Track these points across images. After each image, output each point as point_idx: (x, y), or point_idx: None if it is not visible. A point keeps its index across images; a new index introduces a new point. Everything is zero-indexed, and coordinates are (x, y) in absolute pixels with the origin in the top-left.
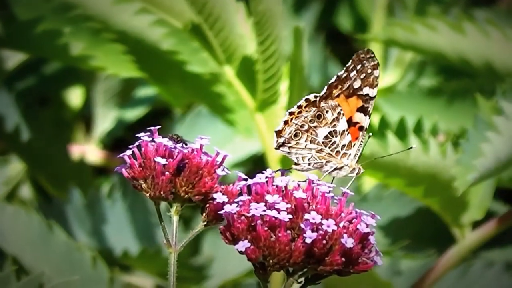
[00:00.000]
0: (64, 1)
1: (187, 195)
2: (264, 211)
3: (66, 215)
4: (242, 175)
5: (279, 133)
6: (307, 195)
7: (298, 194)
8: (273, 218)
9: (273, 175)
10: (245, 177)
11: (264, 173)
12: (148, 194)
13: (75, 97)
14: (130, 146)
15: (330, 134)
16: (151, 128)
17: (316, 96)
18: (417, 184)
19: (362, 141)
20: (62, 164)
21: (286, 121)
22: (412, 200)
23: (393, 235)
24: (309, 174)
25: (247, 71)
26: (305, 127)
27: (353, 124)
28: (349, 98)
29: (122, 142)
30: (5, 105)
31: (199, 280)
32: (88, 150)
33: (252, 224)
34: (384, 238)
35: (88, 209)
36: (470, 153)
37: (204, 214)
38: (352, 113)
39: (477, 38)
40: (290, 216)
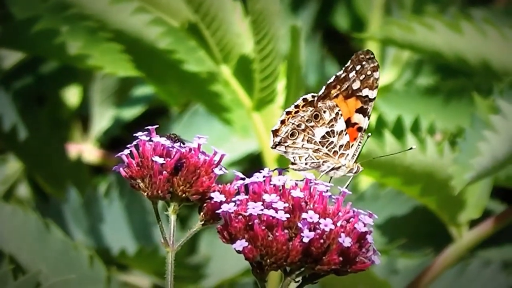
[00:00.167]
0: (61, 1)
1: (185, 194)
2: (262, 210)
3: (63, 214)
4: (240, 175)
5: (276, 132)
6: (305, 194)
7: (296, 193)
8: (271, 217)
9: (271, 174)
10: (243, 177)
11: (262, 172)
12: (146, 193)
13: (72, 96)
14: (128, 146)
15: (328, 134)
16: (149, 128)
17: (314, 96)
18: (414, 183)
19: (361, 142)
20: (59, 163)
21: (283, 121)
22: (409, 199)
23: (390, 234)
24: (307, 174)
25: (244, 70)
26: (302, 127)
27: (352, 125)
28: (348, 99)
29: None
30: (2, 104)
31: (196, 279)
32: (85, 149)
33: (250, 223)
34: (381, 237)
35: (85, 208)
36: (467, 152)
37: (202, 214)
38: (351, 114)
39: (474, 37)
40: (288, 215)
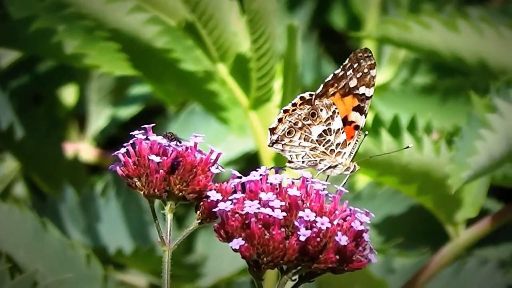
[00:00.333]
0: (58, 0)
1: (181, 193)
2: (258, 209)
3: (60, 213)
4: (236, 173)
5: (273, 131)
6: (301, 193)
7: (292, 192)
8: (267, 216)
9: (267, 173)
10: (239, 175)
11: (258, 171)
12: (142, 192)
13: (69, 95)
14: (124, 144)
15: (325, 133)
16: (145, 126)
17: (311, 94)
18: (411, 182)
19: (358, 140)
20: (56, 162)
21: (280, 119)
22: (406, 198)
23: (387, 233)
24: (303, 172)
25: (241, 69)
26: (299, 125)
27: (349, 123)
28: (345, 97)
29: (116, 140)
30: None
31: (193, 278)
32: (82, 148)
33: (246, 222)
34: (378, 236)
35: (82, 207)
36: (464, 151)
37: (198, 212)
38: (348, 112)
39: (471, 36)
40: (284, 214)
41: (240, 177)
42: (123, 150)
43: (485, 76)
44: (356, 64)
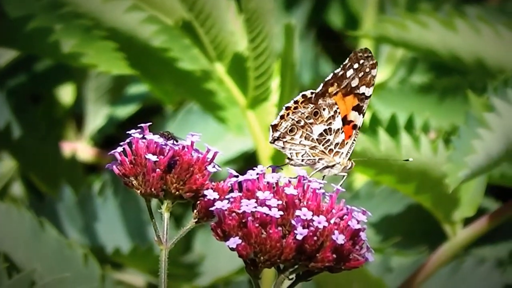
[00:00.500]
0: None
1: (178, 192)
2: (255, 208)
3: (58, 213)
4: (233, 172)
5: (275, 127)
6: (298, 192)
7: (289, 191)
8: (264, 215)
9: (264, 172)
10: (236, 174)
11: (255, 170)
12: (139, 191)
13: (66, 95)
14: (121, 143)
15: (325, 132)
16: (142, 125)
17: (313, 93)
18: (409, 181)
19: (355, 140)
20: (54, 162)
21: (283, 116)
22: (404, 197)
23: (385, 232)
24: (300, 170)
25: (238, 68)
26: (301, 123)
27: (347, 123)
28: (346, 97)
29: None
30: None
31: (191, 278)
32: (79, 148)
33: (243, 221)
34: (376, 235)
35: (80, 207)
36: (462, 150)
37: (195, 211)
38: (348, 112)
39: (468, 35)
40: (281, 213)
41: (237, 176)
42: (120, 149)
43: (483, 75)
44: (357, 64)
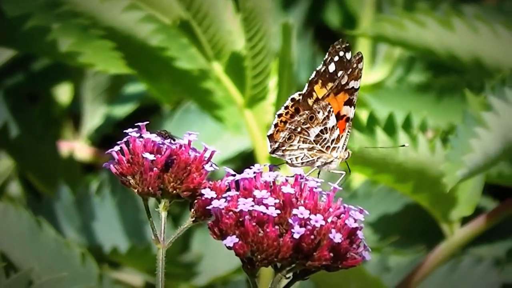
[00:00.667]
0: None
1: (176, 191)
2: (252, 207)
3: (55, 212)
4: (230, 171)
5: (272, 137)
6: (295, 190)
7: (286, 189)
8: (261, 214)
9: (261, 171)
10: (233, 173)
11: (252, 168)
12: (136, 190)
13: (64, 94)
14: (118, 142)
15: (321, 132)
16: (139, 124)
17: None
18: (406, 180)
19: (349, 132)
20: (51, 161)
21: (276, 124)
22: (401, 196)
23: (382, 231)
24: (296, 169)
25: (236, 67)
26: (298, 130)
27: (341, 118)
28: (338, 95)
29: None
30: None
31: (189, 277)
32: (77, 147)
33: (240, 220)
34: (373, 234)
35: (77, 206)
36: (459, 149)
37: (193, 210)
38: (340, 108)
39: (466, 34)
40: (278, 212)
41: (234, 175)
42: (117, 148)
43: (480, 74)
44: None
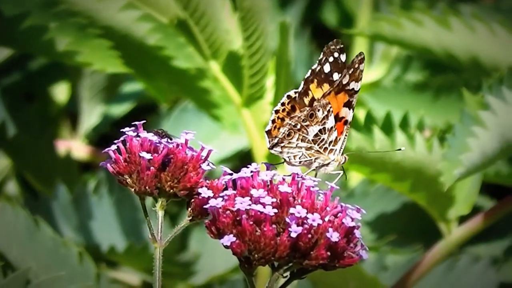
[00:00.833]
0: None
1: (173, 190)
2: (249, 206)
3: (53, 211)
4: (228, 170)
5: (270, 133)
6: (292, 189)
7: (283, 188)
8: (258, 213)
9: (258, 170)
10: (230, 172)
11: (249, 168)
12: (133, 189)
13: (61, 93)
14: (115, 141)
15: (320, 132)
16: (136, 123)
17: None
18: (404, 179)
19: (347, 135)
20: (48, 160)
21: (274, 120)
22: (399, 195)
23: (380, 231)
24: (294, 168)
25: (233, 66)
26: (298, 126)
27: (339, 119)
28: (338, 94)
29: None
30: None
31: (186, 276)
32: (74, 146)
33: (237, 219)
34: (371, 234)
35: (75, 205)
36: (456, 148)
37: (190, 209)
38: (339, 109)
39: (463, 33)
40: (275, 210)
41: (231, 174)
42: (114, 147)
43: (478, 73)
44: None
